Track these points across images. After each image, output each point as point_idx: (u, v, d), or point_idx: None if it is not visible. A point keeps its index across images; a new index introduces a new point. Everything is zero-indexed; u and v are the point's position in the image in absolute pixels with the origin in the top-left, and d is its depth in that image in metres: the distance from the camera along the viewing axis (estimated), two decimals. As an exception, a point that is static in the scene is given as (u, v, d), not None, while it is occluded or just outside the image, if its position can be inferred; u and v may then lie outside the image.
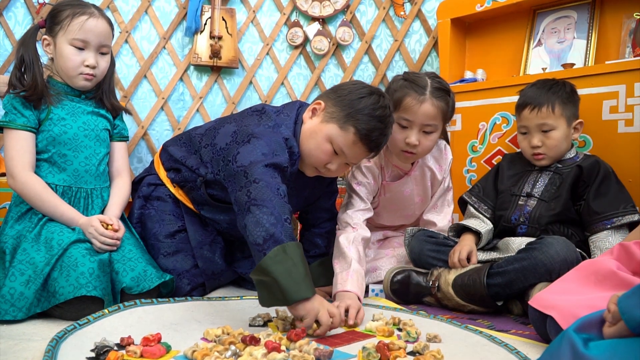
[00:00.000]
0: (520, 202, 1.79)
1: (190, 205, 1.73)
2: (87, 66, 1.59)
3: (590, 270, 1.16)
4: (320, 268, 1.73)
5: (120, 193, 1.68)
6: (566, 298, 1.12)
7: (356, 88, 1.53)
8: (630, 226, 1.62)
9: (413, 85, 1.69)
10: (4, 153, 1.56)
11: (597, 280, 1.12)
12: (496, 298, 1.55)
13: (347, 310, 1.37)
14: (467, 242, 1.71)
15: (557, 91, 1.76)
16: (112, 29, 1.67)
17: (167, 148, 1.77)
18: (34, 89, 1.54)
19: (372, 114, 1.47)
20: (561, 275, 1.45)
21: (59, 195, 1.54)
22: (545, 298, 1.17)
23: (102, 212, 1.60)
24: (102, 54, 1.64)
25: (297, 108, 1.62)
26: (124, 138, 1.78)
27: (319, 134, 1.52)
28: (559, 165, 1.79)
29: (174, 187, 1.74)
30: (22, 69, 1.58)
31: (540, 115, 1.75)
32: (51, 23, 1.60)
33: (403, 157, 1.77)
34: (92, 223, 1.47)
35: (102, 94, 1.69)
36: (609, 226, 1.62)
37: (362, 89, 1.53)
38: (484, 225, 1.79)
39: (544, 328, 1.17)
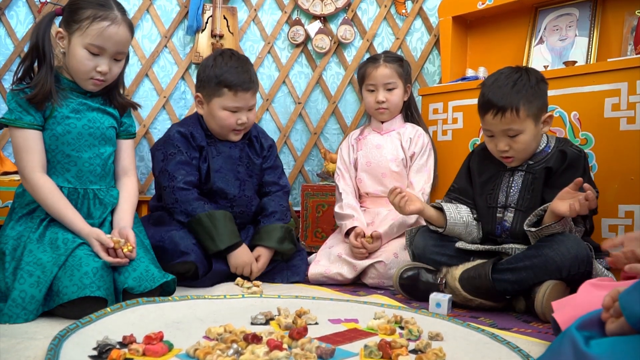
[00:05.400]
0: (498, 215, 1.72)
1: None
2: (99, 72, 1.53)
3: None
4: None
5: (129, 197, 1.64)
6: (574, 298, 1.12)
7: (206, 64, 1.93)
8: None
9: (370, 60, 2.24)
10: (14, 153, 1.52)
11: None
12: (504, 294, 1.55)
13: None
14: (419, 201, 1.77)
15: (520, 89, 1.59)
16: (133, 32, 1.60)
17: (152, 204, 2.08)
18: (40, 87, 1.47)
19: (222, 67, 1.89)
20: (571, 272, 1.45)
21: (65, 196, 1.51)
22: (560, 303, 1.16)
23: (112, 212, 1.58)
24: (117, 60, 1.57)
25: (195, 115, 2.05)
26: (131, 135, 1.74)
27: (214, 112, 1.92)
28: (531, 162, 1.68)
29: None
30: (33, 60, 1.51)
31: (505, 121, 1.59)
32: (70, 18, 1.51)
33: (378, 114, 2.22)
34: (92, 239, 1.42)
35: (109, 90, 1.64)
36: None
37: (207, 61, 1.95)
38: (457, 214, 1.75)
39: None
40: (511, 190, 1.71)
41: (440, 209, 1.77)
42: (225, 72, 1.89)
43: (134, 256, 1.47)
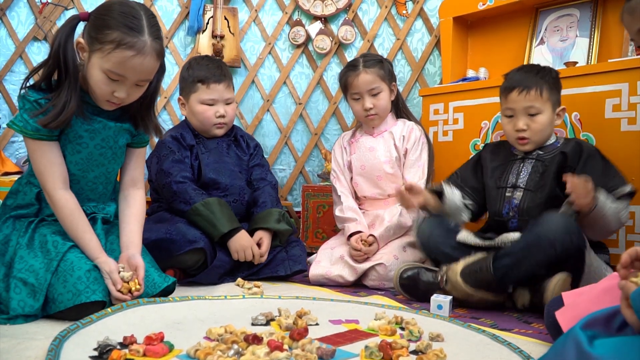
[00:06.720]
0: (507, 194, 1.79)
1: None
2: (116, 97, 1.39)
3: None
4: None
5: (137, 214, 1.53)
6: (578, 299, 1.11)
7: (183, 69, 2.11)
8: (630, 196, 1.61)
9: (349, 67, 2.17)
10: (32, 165, 1.41)
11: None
12: (504, 281, 1.56)
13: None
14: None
15: (544, 76, 1.75)
16: (162, 58, 1.44)
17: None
18: (59, 111, 1.34)
19: (195, 67, 2.06)
20: (565, 246, 1.48)
21: None
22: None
23: (104, 222, 1.52)
24: (139, 85, 1.42)
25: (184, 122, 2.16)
26: (144, 144, 1.62)
27: (193, 108, 2.06)
28: (541, 152, 1.78)
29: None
30: (53, 69, 1.38)
31: (529, 98, 1.73)
32: (93, 33, 1.34)
33: (369, 121, 2.17)
34: (105, 271, 1.35)
35: (139, 110, 1.51)
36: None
37: (184, 66, 2.12)
38: (452, 196, 1.87)
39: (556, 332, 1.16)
40: (521, 174, 1.80)
41: (437, 192, 1.88)
42: (197, 70, 2.06)
43: (141, 292, 1.39)
